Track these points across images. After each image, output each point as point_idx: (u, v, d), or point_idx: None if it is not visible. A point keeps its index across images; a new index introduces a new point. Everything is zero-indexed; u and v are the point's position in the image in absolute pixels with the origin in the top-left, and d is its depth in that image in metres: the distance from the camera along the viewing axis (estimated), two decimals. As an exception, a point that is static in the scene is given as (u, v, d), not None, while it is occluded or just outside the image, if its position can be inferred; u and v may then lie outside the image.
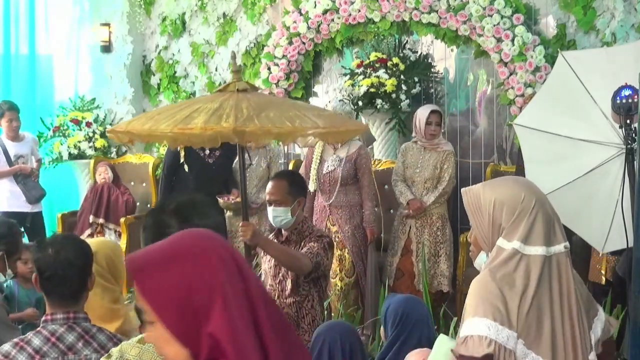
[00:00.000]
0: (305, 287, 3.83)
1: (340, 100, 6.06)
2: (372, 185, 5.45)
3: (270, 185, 3.94)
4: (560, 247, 2.17)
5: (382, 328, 3.26)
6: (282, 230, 3.93)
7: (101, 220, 6.94)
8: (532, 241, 2.14)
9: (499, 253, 2.16)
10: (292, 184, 3.90)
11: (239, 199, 4.94)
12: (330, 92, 7.05)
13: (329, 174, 5.44)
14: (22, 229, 6.77)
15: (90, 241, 3.23)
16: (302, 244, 3.83)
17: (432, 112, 5.64)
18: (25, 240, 6.74)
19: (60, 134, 7.77)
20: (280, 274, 3.89)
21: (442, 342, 2.54)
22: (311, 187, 5.49)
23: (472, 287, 2.14)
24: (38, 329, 2.43)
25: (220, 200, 5.74)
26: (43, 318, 2.46)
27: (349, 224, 5.41)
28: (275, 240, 3.91)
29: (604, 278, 4.79)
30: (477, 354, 2.03)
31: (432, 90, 6.60)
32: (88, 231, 6.89)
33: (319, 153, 5.54)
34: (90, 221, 6.85)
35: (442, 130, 5.85)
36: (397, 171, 5.72)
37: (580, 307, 2.15)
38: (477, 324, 2.05)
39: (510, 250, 2.14)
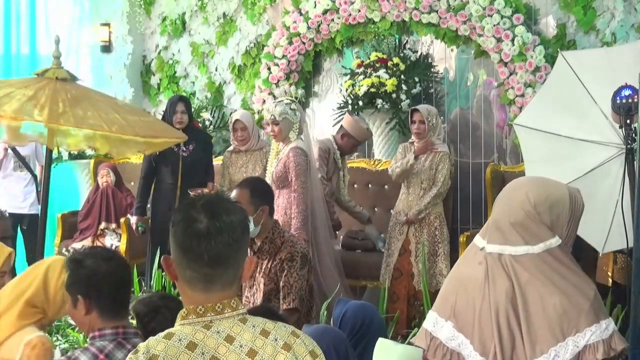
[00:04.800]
0: (276, 301, 3.74)
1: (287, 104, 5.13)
2: (301, 189, 4.95)
3: (233, 193, 3.79)
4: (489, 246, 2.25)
5: None
6: (255, 239, 3.79)
7: (103, 225, 6.88)
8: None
9: None
10: (254, 193, 3.74)
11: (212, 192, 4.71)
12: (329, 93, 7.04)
13: (272, 175, 5.16)
14: (19, 231, 6.77)
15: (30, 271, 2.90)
16: (276, 257, 3.74)
17: (413, 110, 5.57)
18: (20, 242, 6.76)
19: (61, 134, 7.75)
20: (254, 287, 3.81)
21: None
22: None
23: None
24: (86, 345, 2.35)
25: (192, 194, 5.57)
26: (90, 335, 2.38)
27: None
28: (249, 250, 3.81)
29: (610, 280, 4.77)
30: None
31: (432, 90, 6.60)
32: (89, 239, 6.83)
33: (276, 152, 5.22)
34: (102, 227, 6.78)
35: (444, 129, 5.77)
36: (394, 164, 5.62)
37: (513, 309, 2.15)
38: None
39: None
